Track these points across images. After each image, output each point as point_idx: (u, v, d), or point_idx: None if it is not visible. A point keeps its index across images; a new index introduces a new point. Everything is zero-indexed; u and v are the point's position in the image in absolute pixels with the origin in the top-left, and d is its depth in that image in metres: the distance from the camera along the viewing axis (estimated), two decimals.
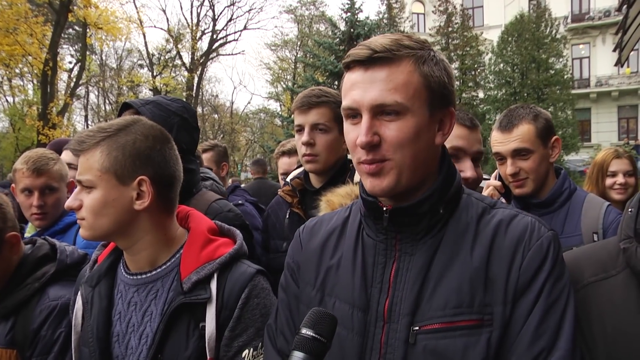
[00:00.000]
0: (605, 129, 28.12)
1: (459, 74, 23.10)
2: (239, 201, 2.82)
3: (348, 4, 19.11)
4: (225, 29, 35.50)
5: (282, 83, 37.13)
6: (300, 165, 2.33)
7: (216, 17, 34.64)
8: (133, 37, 39.28)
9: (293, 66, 36.43)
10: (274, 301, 1.36)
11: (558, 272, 1.04)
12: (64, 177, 2.37)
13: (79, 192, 1.33)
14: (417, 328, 1.04)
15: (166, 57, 34.28)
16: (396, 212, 1.10)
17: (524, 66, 22.56)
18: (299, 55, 33.80)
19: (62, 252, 1.75)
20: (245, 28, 36.87)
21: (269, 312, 1.33)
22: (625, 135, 27.72)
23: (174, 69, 34.72)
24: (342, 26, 19.80)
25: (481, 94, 23.85)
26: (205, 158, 3.83)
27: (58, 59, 19.77)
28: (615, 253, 1.16)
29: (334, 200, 1.59)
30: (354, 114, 1.08)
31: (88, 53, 26.83)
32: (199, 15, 34.76)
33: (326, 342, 0.95)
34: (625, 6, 8.20)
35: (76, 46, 30.14)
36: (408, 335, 1.04)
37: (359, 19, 19.05)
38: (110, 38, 21.32)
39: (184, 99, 2.46)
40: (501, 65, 23.16)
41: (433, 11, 25.84)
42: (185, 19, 47.12)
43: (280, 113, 27.67)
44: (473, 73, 24.28)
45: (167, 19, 65.99)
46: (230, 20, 35.52)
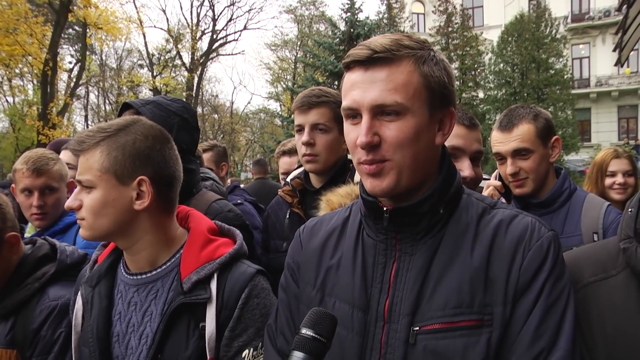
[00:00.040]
0: (605, 129, 28.12)
1: (459, 74, 23.08)
2: (238, 200, 2.83)
3: (348, 4, 19.12)
4: (225, 29, 35.60)
5: (282, 83, 37.14)
6: (300, 165, 2.33)
7: (216, 17, 34.73)
8: (133, 37, 39.36)
9: (293, 66, 36.43)
10: (274, 301, 1.36)
11: (558, 273, 1.04)
12: (63, 177, 2.37)
13: (78, 192, 1.33)
14: (417, 328, 1.04)
15: (166, 57, 34.30)
16: (396, 212, 1.10)
17: (523, 66, 22.56)
18: (299, 55, 33.80)
19: (62, 252, 1.75)
20: (245, 28, 36.99)
21: (269, 312, 1.33)
22: (625, 135, 27.72)
23: (174, 69, 34.74)
24: (342, 26, 19.83)
25: (481, 94, 23.84)
26: (204, 158, 3.83)
27: (58, 59, 19.77)
28: (615, 253, 1.16)
29: (333, 200, 1.59)
30: (354, 114, 1.08)
31: (88, 53, 26.84)
32: (198, 15, 34.84)
33: (326, 342, 0.95)
34: (625, 6, 8.20)
35: (76, 46, 30.16)
36: (408, 335, 1.04)
37: (358, 19, 19.07)
38: (110, 38, 21.34)
39: (184, 99, 2.46)
40: (501, 65, 23.15)
41: (433, 11, 25.83)
42: (185, 19, 47.24)
43: (280, 113, 27.68)
44: (473, 73, 24.27)
45: (167, 19, 66.17)
46: (230, 20, 35.64)
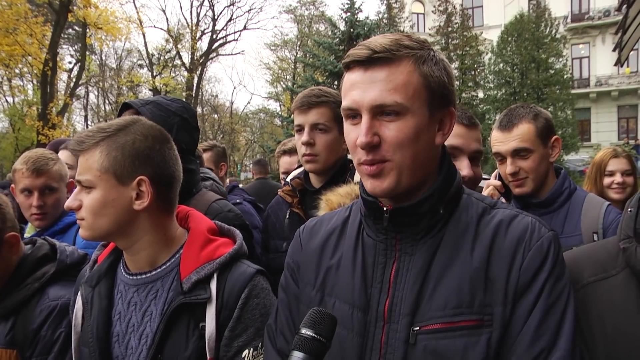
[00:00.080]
0: (605, 129, 28.13)
1: (458, 74, 23.08)
2: (237, 200, 2.83)
3: (348, 4, 19.12)
4: (225, 29, 35.57)
5: (282, 83, 37.12)
6: (300, 165, 2.33)
7: (216, 17, 34.70)
8: (133, 37, 39.36)
9: (293, 66, 36.42)
10: (273, 301, 1.36)
11: (558, 273, 1.04)
12: (63, 177, 2.37)
13: (78, 192, 1.33)
14: (417, 328, 1.04)
15: (166, 57, 34.28)
16: (396, 212, 1.10)
17: (523, 66, 22.55)
18: (298, 55, 33.79)
19: (62, 252, 1.75)
20: (245, 28, 37.00)
21: (269, 312, 1.33)
22: (625, 135, 27.73)
23: (173, 69, 34.74)
24: (342, 26, 19.83)
25: (481, 94, 23.84)
26: (203, 158, 3.83)
27: (58, 59, 19.76)
28: (615, 253, 1.16)
29: (333, 200, 1.59)
30: (354, 115, 1.08)
31: (88, 53, 26.83)
32: (198, 15, 34.81)
33: (326, 342, 0.95)
34: (624, 6, 8.20)
35: (76, 46, 30.16)
36: (408, 335, 1.04)
37: (358, 19, 19.07)
38: (110, 38, 21.33)
39: (184, 99, 2.45)
40: (501, 65, 23.15)
41: (433, 11, 25.82)
42: (185, 19, 47.19)
43: (280, 113, 27.69)
44: (473, 73, 24.27)
45: (167, 19, 66.07)
46: (230, 20, 35.59)
